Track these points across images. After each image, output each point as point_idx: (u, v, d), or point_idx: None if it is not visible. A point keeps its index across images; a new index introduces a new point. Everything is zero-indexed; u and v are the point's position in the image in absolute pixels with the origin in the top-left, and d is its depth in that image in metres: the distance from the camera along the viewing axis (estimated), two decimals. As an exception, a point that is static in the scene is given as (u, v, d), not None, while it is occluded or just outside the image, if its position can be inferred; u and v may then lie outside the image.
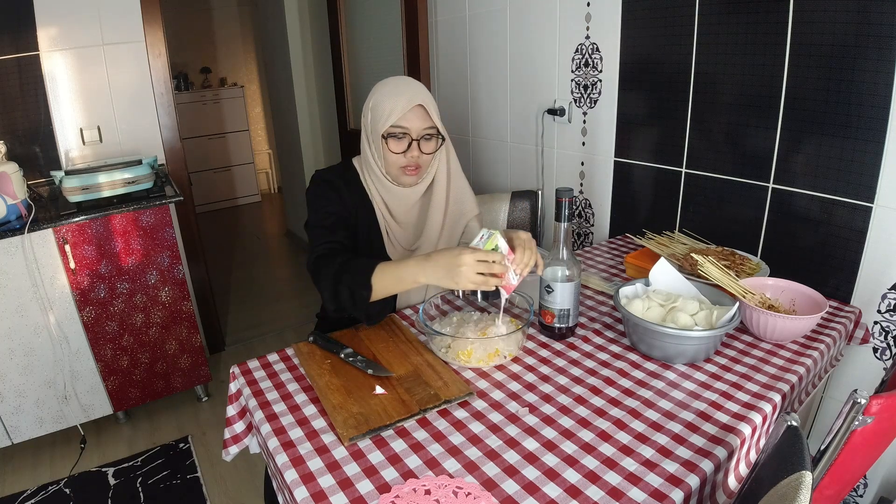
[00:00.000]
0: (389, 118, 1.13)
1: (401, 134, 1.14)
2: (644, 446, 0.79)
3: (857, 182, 1.17)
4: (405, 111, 1.13)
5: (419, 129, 1.15)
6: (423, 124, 1.15)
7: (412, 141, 1.15)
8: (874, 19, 1.08)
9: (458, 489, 0.73)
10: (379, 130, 1.15)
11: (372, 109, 1.18)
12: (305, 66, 3.55)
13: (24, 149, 2.05)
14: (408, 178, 1.19)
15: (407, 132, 1.14)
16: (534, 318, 1.09)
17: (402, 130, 1.14)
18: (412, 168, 1.17)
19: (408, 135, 1.15)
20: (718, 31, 1.34)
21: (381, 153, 1.18)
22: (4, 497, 1.77)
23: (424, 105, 1.15)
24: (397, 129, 1.14)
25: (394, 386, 0.94)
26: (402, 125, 1.14)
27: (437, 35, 2.34)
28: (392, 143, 1.15)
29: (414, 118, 1.14)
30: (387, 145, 1.15)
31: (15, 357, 1.80)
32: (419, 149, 1.16)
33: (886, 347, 1.21)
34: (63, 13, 2.02)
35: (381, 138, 1.15)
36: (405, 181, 1.20)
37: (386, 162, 1.18)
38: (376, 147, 1.18)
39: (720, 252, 1.27)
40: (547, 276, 1.04)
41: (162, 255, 1.96)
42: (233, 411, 1.02)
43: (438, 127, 1.17)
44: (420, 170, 1.19)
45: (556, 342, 1.08)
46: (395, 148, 1.15)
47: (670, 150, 1.53)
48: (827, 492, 0.74)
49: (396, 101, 1.13)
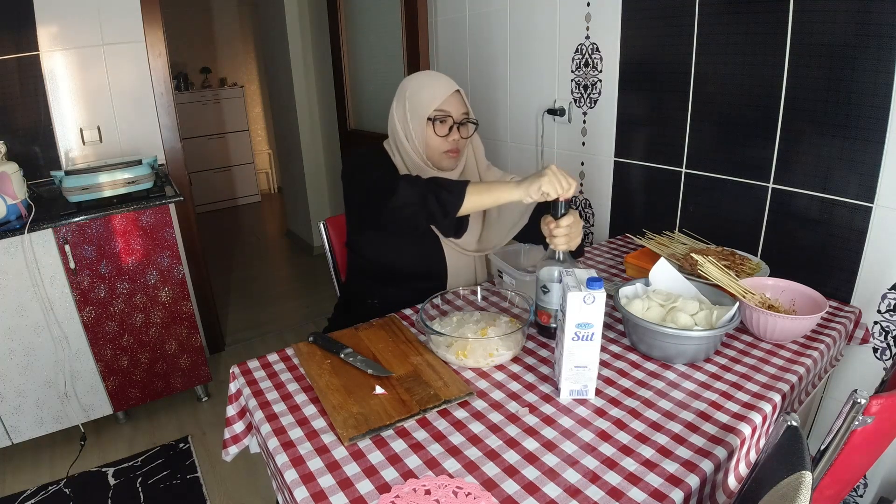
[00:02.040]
0: (433, 102, 1.19)
1: (444, 118, 1.20)
2: (644, 446, 0.79)
3: (857, 182, 1.17)
4: (446, 96, 1.19)
5: (459, 114, 1.22)
6: (462, 109, 1.23)
7: (453, 124, 1.21)
8: (874, 19, 1.08)
9: (458, 489, 0.73)
10: (424, 115, 1.20)
11: (409, 99, 1.22)
12: (305, 66, 3.55)
13: (24, 149, 2.05)
14: (449, 161, 1.24)
15: (449, 115, 1.21)
16: (533, 318, 1.09)
17: (444, 114, 1.20)
18: (454, 151, 1.23)
19: (450, 118, 1.21)
20: (718, 31, 1.34)
21: (422, 139, 1.22)
22: (4, 497, 1.77)
23: (461, 91, 1.23)
24: (440, 113, 1.20)
25: (394, 386, 0.94)
26: (445, 109, 1.20)
27: (437, 35, 2.34)
28: (437, 126, 1.21)
29: (455, 103, 1.21)
30: (433, 128, 1.21)
31: (15, 357, 1.80)
32: (458, 132, 1.22)
33: (886, 347, 1.21)
34: (63, 13, 2.02)
35: (427, 121, 1.20)
36: (446, 164, 1.25)
37: (429, 147, 1.23)
38: (418, 133, 1.22)
39: (720, 252, 1.27)
40: (543, 276, 1.04)
41: (162, 255, 1.96)
42: (233, 411, 1.02)
43: (471, 113, 1.25)
44: (459, 153, 1.25)
45: (554, 342, 1.08)
46: (440, 132, 1.21)
47: (670, 150, 1.53)
48: (827, 492, 0.74)
49: (437, 88, 1.20)
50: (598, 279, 0.85)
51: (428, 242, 1.31)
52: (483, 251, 1.36)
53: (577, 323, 0.86)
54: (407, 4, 2.36)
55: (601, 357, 1.02)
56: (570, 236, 1.02)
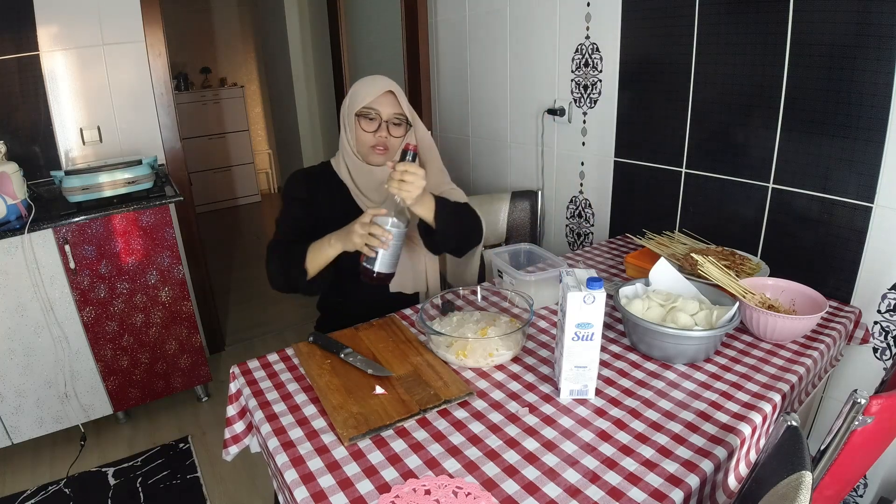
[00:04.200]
0: (363, 101, 1.26)
1: (373, 115, 1.27)
2: (644, 446, 0.79)
3: (857, 182, 1.17)
4: (377, 95, 1.26)
5: (389, 113, 1.27)
6: (393, 110, 1.28)
7: (381, 122, 1.27)
8: (874, 19, 1.08)
9: (458, 489, 0.73)
10: (352, 111, 1.27)
11: (349, 97, 1.31)
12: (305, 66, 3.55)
13: (24, 149, 2.05)
14: (377, 157, 1.30)
15: (378, 114, 1.27)
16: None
17: (373, 111, 1.26)
18: (381, 148, 1.28)
19: (378, 116, 1.27)
20: (718, 31, 1.34)
21: (353, 132, 1.30)
22: (4, 497, 1.77)
23: (394, 92, 1.28)
24: (369, 111, 1.26)
25: (394, 386, 0.94)
26: (374, 107, 1.26)
27: (437, 35, 2.34)
28: (364, 123, 1.27)
29: (385, 103, 1.27)
30: (359, 124, 1.27)
31: (15, 357, 1.80)
32: (388, 131, 1.28)
33: (886, 347, 1.21)
34: (63, 13, 2.02)
35: (355, 117, 1.27)
36: (374, 160, 1.31)
37: (357, 140, 1.30)
38: (350, 127, 1.30)
39: (720, 252, 1.27)
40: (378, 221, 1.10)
41: (162, 255, 1.95)
42: (233, 411, 1.02)
43: (407, 114, 1.30)
44: (388, 151, 1.30)
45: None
46: (367, 127, 1.27)
47: (670, 150, 1.53)
48: (827, 492, 0.74)
49: (370, 88, 1.27)
50: (598, 279, 0.85)
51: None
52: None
53: (577, 323, 0.86)
54: (407, 4, 2.36)
55: (601, 357, 1.01)
56: (406, 182, 1.07)
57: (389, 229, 1.09)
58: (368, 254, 1.10)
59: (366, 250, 1.10)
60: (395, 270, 1.14)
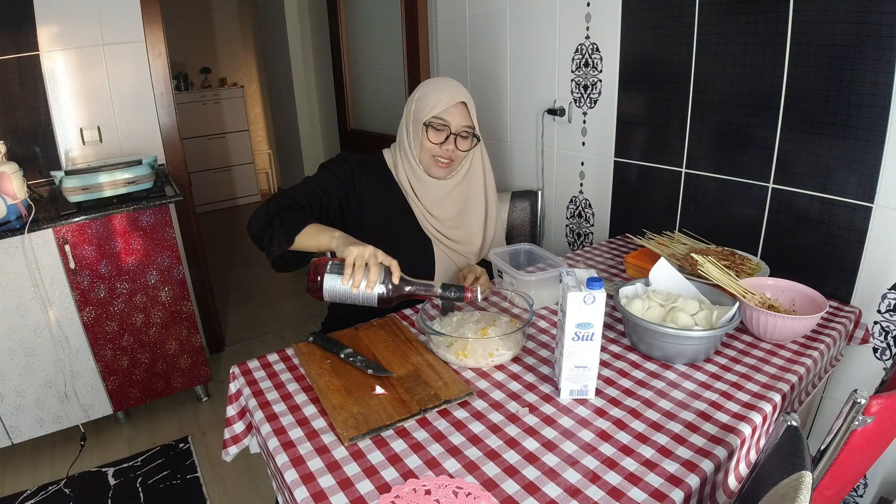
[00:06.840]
0: (434, 109, 1.20)
1: (440, 125, 1.22)
2: (644, 446, 0.79)
3: (857, 182, 1.17)
4: (449, 105, 1.20)
5: (458, 125, 1.22)
6: (463, 122, 1.23)
7: (450, 134, 1.22)
8: (874, 19, 1.08)
9: (459, 489, 0.73)
10: (421, 119, 1.21)
11: (417, 100, 1.24)
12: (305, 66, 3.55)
13: (24, 149, 2.05)
14: (439, 169, 1.25)
15: (447, 125, 1.22)
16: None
17: (442, 122, 1.22)
18: (445, 160, 1.23)
19: (447, 127, 1.22)
20: (718, 31, 1.34)
21: (418, 140, 1.24)
22: (4, 497, 1.77)
23: (467, 104, 1.23)
24: (438, 121, 1.21)
25: (394, 386, 0.94)
26: (444, 118, 1.21)
27: (437, 35, 2.34)
28: (431, 133, 1.22)
29: (456, 114, 1.22)
30: (426, 134, 1.22)
31: (15, 357, 1.80)
32: (455, 144, 1.23)
33: (886, 347, 1.21)
34: (63, 13, 2.02)
35: (423, 126, 1.21)
36: (436, 172, 1.26)
37: (421, 149, 1.24)
38: (415, 134, 1.24)
39: (720, 252, 1.27)
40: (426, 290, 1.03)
41: (162, 256, 1.96)
42: (233, 411, 1.02)
43: (476, 128, 1.24)
44: (452, 164, 1.25)
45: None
46: (434, 138, 1.22)
47: (670, 150, 1.53)
48: (827, 492, 0.74)
49: (442, 95, 1.21)
50: (598, 279, 0.85)
51: (416, 240, 1.32)
52: (472, 252, 1.37)
53: (577, 323, 0.86)
54: (407, 4, 2.36)
55: (601, 357, 1.01)
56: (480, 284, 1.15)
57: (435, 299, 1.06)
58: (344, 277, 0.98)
59: (347, 273, 0.97)
60: (330, 302, 1.06)
